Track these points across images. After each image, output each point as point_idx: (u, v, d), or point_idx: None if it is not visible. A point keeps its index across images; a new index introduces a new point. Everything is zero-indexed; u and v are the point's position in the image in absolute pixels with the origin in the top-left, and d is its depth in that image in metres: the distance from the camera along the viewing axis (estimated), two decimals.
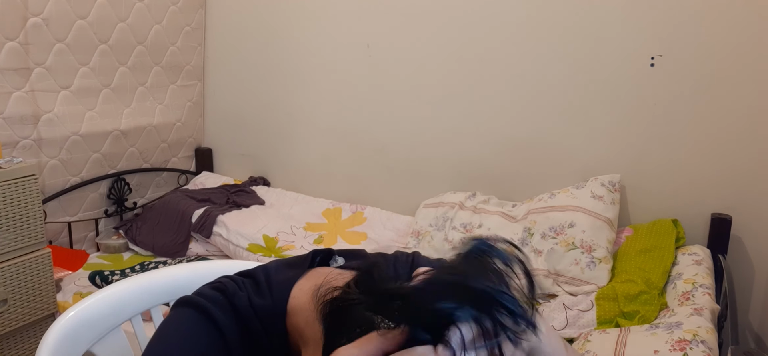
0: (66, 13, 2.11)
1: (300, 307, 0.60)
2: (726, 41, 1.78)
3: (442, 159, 2.31)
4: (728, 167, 1.84)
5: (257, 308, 0.62)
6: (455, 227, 2.05)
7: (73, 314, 0.82)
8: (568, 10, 1.98)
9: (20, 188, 1.67)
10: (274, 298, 0.62)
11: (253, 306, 0.62)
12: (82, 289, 1.97)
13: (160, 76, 2.57)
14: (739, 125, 1.81)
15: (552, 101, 2.06)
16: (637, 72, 1.91)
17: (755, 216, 1.83)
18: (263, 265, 0.69)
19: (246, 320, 0.62)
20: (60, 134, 2.19)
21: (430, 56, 2.25)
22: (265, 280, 0.65)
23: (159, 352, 0.60)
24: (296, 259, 0.70)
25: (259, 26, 2.61)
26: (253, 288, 0.64)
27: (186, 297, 0.65)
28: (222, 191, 2.54)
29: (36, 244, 1.74)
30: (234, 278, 0.67)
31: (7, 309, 1.68)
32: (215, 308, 0.62)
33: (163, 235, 2.30)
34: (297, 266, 0.67)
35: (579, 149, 2.05)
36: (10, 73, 1.98)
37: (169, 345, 0.61)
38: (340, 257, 0.71)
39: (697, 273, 1.63)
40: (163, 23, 2.52)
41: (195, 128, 2.82)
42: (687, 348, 1.24)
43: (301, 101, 2.58)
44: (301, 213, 2.40)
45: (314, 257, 0.69)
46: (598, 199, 1.87)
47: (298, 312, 0.60)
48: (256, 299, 0.63)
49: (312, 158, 2.62)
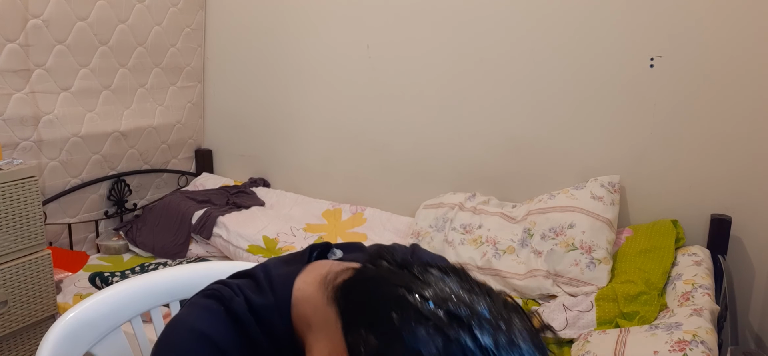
0: (66, 15, 2.12)
1: (306, 297, 0.60)
2: (726, 41, 1.78)
3: (442, 160, 2.31)
4: (728, 168, 1.84)
5: (258, 308, 0.61)
6: (455, 228, 2.05)
7: (73, 315, 0.82)
8: (568, 10, 1.98)
9: (20, 190, 1.67)
10: (276, 294, 0.62)
11: (253, 308, 0.61)
12: (82, 290, 1.97)
13: (160, 77, 2.57)
14: (739, 125, 1.81)
15: (552, 101, 2.07)
16: (637, 72, 1.91)
17: (755, 216, 1.83)
18: (261, 264, 0.68)
19: (245, 325, 0.61)
20: (60, 136, 2.19)
21: (430, 57, 2.25)
22: (265, 277, 0.64)
23: None
24: (293, 255, 0.70)
25: (259, 27, 2.61)
26: (253, 287, 0.64)
27: (179, 318, 0.63)
28: (222, 193, 2.54)
29: (36, 245, 1.74)
30: (227, 282, 0.65)
31: (7, 311, 1.68)
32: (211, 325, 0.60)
33: (163, 236, 2.30)
34: (295, 261, 0.67)
35: (579, 149, 2.05)
36: (11, 75, 1.98)
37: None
38: (338, 250, 0.71)
39: (696, 273, 1.63)
40: (163, 24, 2.52)
41: (195, 129, 2.83)
42: (687, 349, 1.24)
43: (301, 101, 2.58)
44: (301, 214, 2.40)
45: (312, 252, 0.69)
46: (598, 200, 1.87)
47: (305, 301, 0.60)
48: (257, 298, 0.62)
49: (312, 158, 2.62)
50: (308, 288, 0.61)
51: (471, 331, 0.45)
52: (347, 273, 0.55)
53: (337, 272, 0.57)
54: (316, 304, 0.58)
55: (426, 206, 2.21)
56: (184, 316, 0.63)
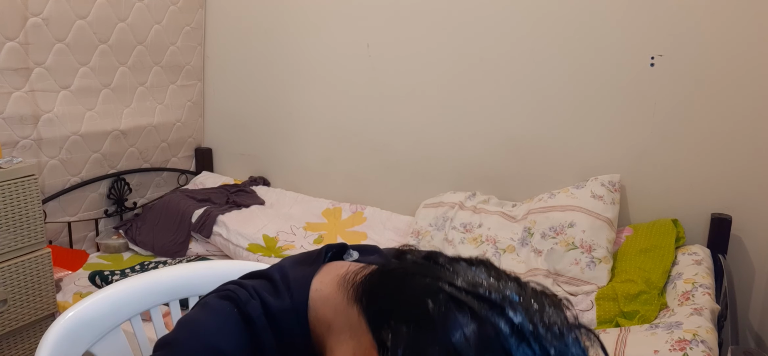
0: (66, 13, 2.11)
1: (324, 298, 0.59)
2: (726, 41, 1.78)
3: (442, 159, 2.31)
4: (728, 167, 1.84)
5: (275, 312, 0.59)
6: (455, 227, 2.05)
7: (73, 314, 0.82)
8: (568, 10, 1.98)
9: (20, 188, 1.67)
10: (294, 296, 0.60)
11: (270, 312, 0.59)
12: (82, 289, 1.97)
13: (159, 76, 2.56)
14: (739, 125, 1.81)
15: (552, 100, 2.06)
16: (637, 72, 1.91)
17: (755, 216, 1.83)
18: (276, 264, 0.66)
19: (258, 330, 0.59)
20: (60, 134, 2.19)
21: (431, 56, 2.25)
22: (281, 278, 0.63)
23: None
24: (308, 255, 0.68)
25: (259, 26, 2.61)
26: (270, 289, 0.62)
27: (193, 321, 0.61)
28: (222, 191, 2.54)
29: (36, 244, 1.74)
30: (243, 283, 0.63)
31: (6, 309, 1.68)
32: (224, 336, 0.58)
33: (163, 235, 2.30)
34: (311, 262, 0.65)
35: (579, 149, 2.05)
36: (10, 73, 1.98)
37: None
38: (355, 251, 0.69)
39: (697, 272, 1.63)
40: (163, 23, 2.52)
41: (195, 128, 2.82)
42: (687, 348, 1.24)
43: (301, 101, 2.58)
44: (301, 213, 2.40)
45: (327, 253, 0.67)
46: (598, 199, 1.87)
47: (324, 302, 0.59)
48: (274, 301, 0.60)
49: (312, 157, 2.62)
50: (326, 289, 0.59)
51: (505, 314, 0.45)
52: (368, 270, 0.55)
53: (355, 271, 0.56)
54: (336, 305, 0.56)
55: (426, 205, 2.21)
56: (197, 318, 0.61)
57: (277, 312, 0.59)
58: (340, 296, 0.56)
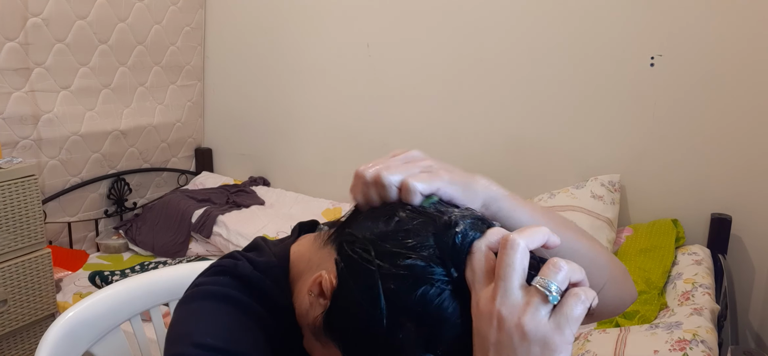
0: (66, 13, 2.11)
1: (301, 254, 0.64)
2: (726, 41, 1.78)
3: (442, 159, 2.30)
4: (728, 167, 1.84)
5: (262, 266, 0.64)
6: None
7: (73, 314, 0.82)
8: (568, 10, 1.98)
9: (20, 189, 1.67)
10: (277, 255, 0.65)
11: (258, 267, 0.64)
12: (82, 289, 1.97)
13: (159, 76, 2.57)
14: (739, 125, 1.80)
15: (552, 100, 2.06)
16: (637, 72, 1.91)
17: (755, 216, 1.83)
18: (258, 237, 0.72)
19: (254, 283, 0.62)
20: (60, 134, 2.19)
21: (430, 56, 2.25)
22: (264, 243, 0.69)
23: (206, 330, 0.58)
24: (284, 237, 0.74)
25: (259, 26, 2.61)
26: (254, 252, 0.67)
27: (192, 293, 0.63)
28: (222, 191, 2.54)
29: (36, 244, 1.74)
30: (227, 255, 0.68)
31: (6, 310, 1.68)
32: (225, 286, 0.62)
33: (163, 235, 2.30)
34: (287, 238, 0.71)
35: (579, 149, 2.05)
36: (10, 74, 1.98)
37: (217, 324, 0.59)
38: (324, 226, 0.73)
39: (696, 272, 1.63)
40: (163, 23, 2.52)
41: (195, 128, 2.82)
42: (687, 348, 1.24)
43: (301, 101, 2.58)
44: (301, 213, 2.40)
45: (301, 230, 0.72)
46: (598, 199, 1.87)
47: (300, 257, 0.64)
48: (260, 258, 0.65)
49: (312, 158, 2.62)
50: (302, 248, 0.65)
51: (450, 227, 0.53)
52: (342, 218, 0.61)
53: (329, 228, 0.63)
54: (310, 256, 0.62)
55: None
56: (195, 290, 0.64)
57: (264, 266, 0.64)
58: (315, 247, 0.62)
